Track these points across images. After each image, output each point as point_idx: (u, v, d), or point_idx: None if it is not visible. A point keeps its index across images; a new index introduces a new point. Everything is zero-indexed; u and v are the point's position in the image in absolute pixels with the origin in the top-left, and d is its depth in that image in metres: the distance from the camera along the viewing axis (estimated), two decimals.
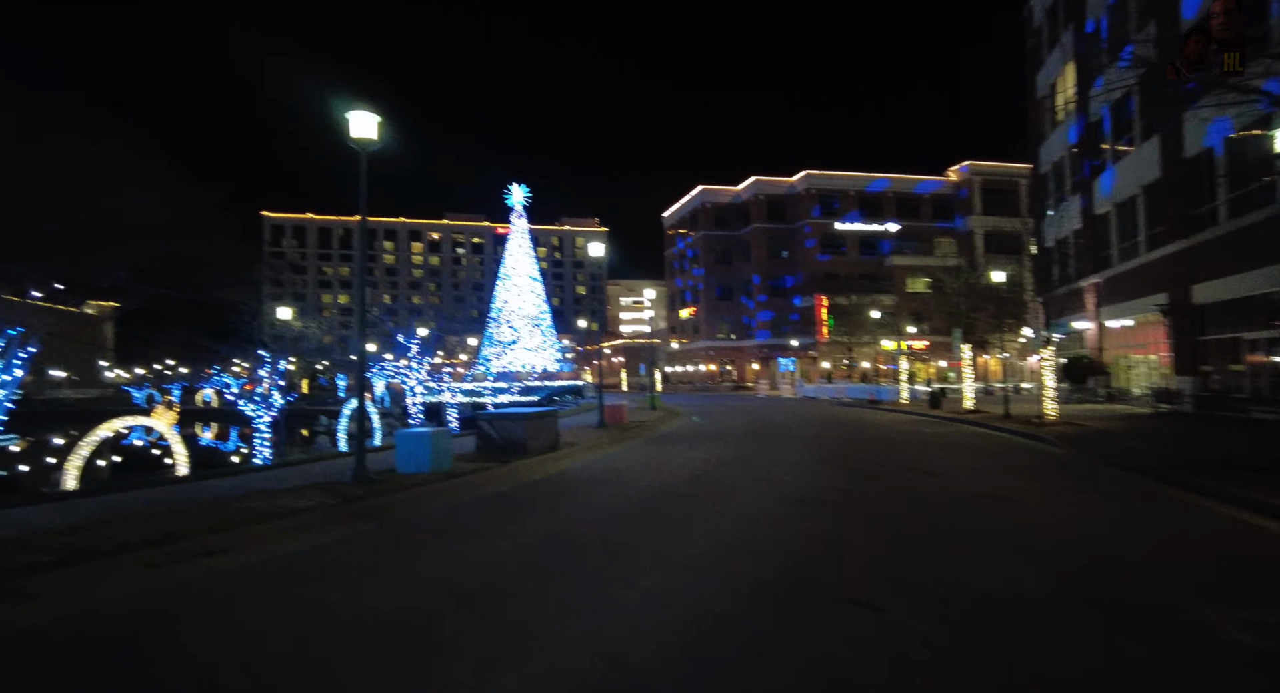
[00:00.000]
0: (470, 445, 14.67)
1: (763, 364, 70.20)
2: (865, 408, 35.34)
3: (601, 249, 19.94)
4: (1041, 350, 21.62)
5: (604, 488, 10.28)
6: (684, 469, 12.27)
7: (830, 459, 13.57)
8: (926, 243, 70.07)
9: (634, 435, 19.03)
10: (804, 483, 10.61)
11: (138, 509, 8.01)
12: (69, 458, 15.12)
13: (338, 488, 9.42)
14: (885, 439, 17.75)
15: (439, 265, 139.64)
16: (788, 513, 8.34)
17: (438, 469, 10.95)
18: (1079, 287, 32.82)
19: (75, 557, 5.97)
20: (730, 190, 73.50)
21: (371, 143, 10.02)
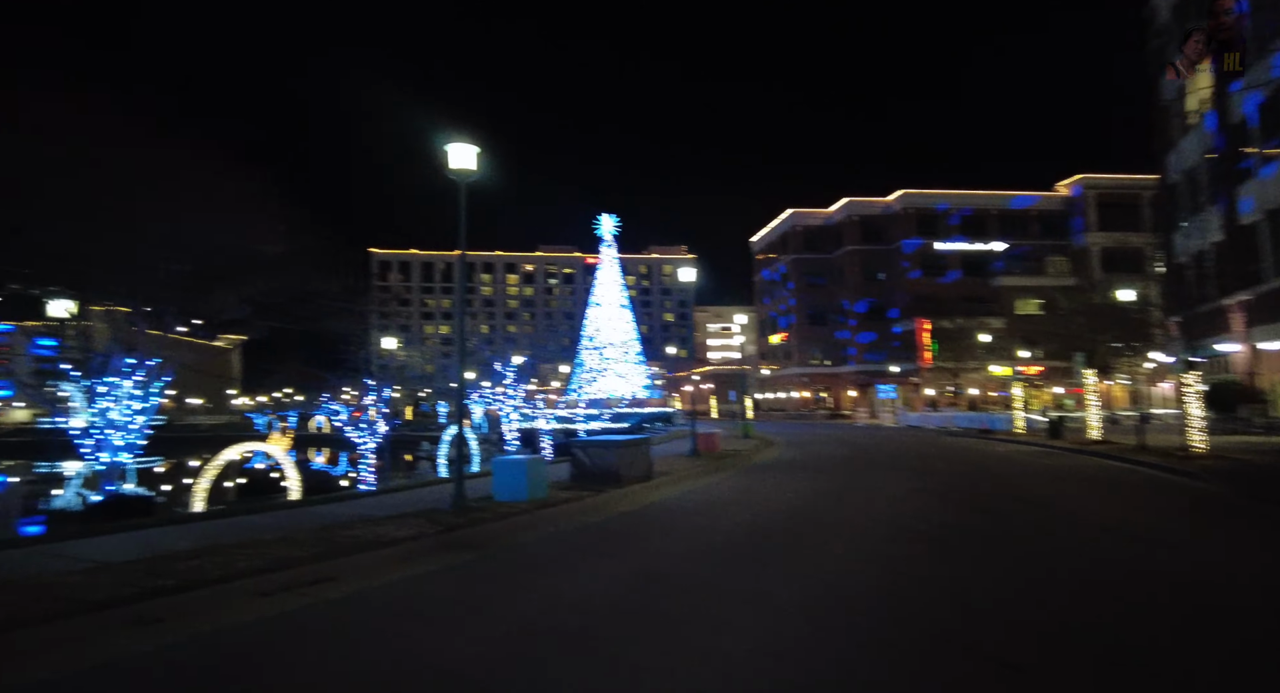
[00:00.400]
0: (564, 473, 14.61)
1: (860, 391, 67.55)
2: (977, 439, 33.10)
3: (693, 273, 19.71)
4: (1181, 375, 19.45)
5: (701, 522, 9.87)
6: (784, 502, 11.67)
7: (943, 493, 12.57)
8: (1036, 262, 65.85)
9: (728, 466, 18.47)
10: (917, 520, 9.79)
11: (251, 535, 8.30)
12: (197, 481, 16.18)
13: (437, 516, 9.48)
14: (1003, 472, 16.37)
15: (532, 296, 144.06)
16: (902, 552, 7.65)
17: (534, 497, 10.88)
18: (1222, 305, 29.61)
19: (195, 582, 6.17)
20: (821, 212, 71.96)
21: (470, 173, 10.26)
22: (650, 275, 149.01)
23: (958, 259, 65.83)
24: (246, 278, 13.30)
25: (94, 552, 7.60)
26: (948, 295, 63.81)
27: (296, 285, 13.90)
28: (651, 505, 11.52)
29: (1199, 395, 19.63)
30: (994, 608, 5.62)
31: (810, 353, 72.51)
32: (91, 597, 5.68)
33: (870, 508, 10.93)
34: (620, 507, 11.30)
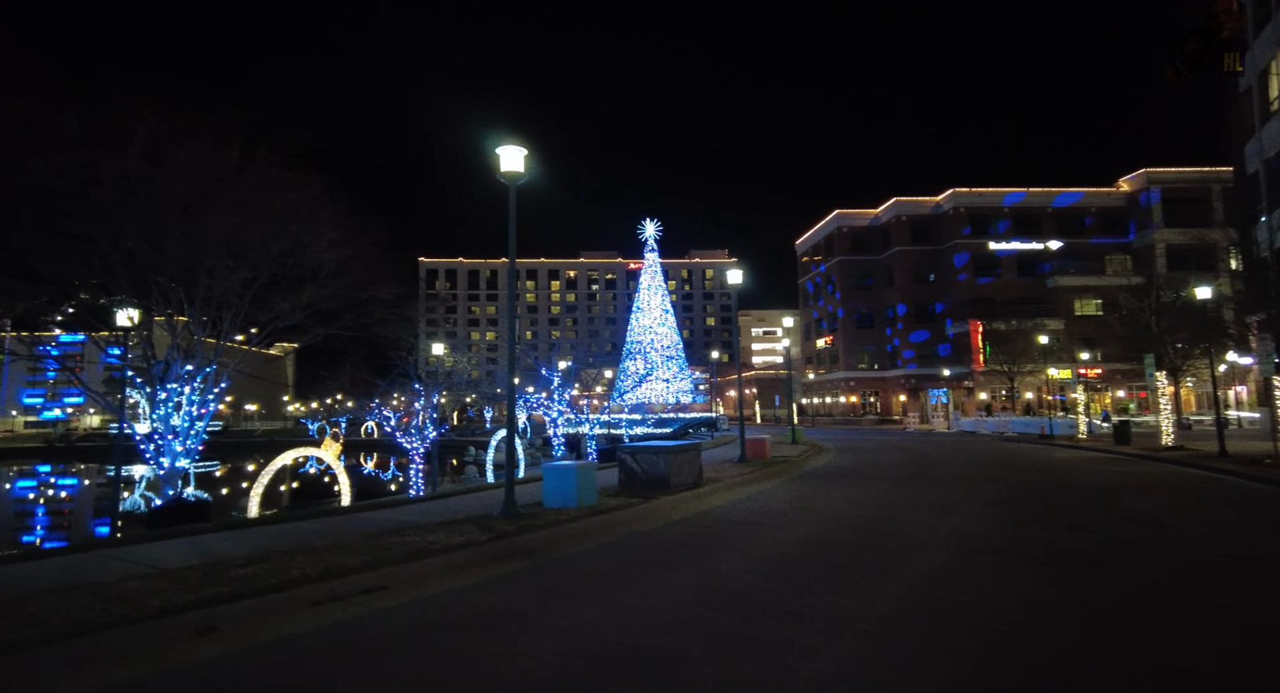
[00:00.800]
0: (611, 478, 14.36)
1: (910, 396, 65.77)
2: (1036, 444, 31.71)
3: (739, 275, 19.28)
4: (1273, 377, 18.17)
5: (759, 532, 9.47)
6: (844, 513, 11.17)
7: (1015, 504, 11.89)
8: (1095, 261, 63.17)
9: (779, 472, 17.96)
10: (992, 533, 9.21)
11: (304, 542, 8.25)
12: (253, 486, 16.45)
13: (488, 523, 9.31)
14: (1079, 482, 15.48)
15: (575, 302, 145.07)
16: (983, 570, 7.14)
17: (583, 504, 10.65)
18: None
19: (249, 590, 6.08)
20: (868, 213, 70.49)
21: (519, 176, 10.11)
22: (692, 280, 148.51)
23: (1012, 259, 63.63)
24: (303, 284, 13.47)
25: (154, 557, 7.64)
26: (1001, 296, 61.77)
27: (350, 292, 14.05)
28: (704, 514, 11.17)
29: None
30: (1100, 639, 5.12)
31: (857, 357, 70.96)
32: (150, 603, 5.64)
33: (945, 521, 10.36)
34: (672, 515, 10.98)
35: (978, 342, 59.94)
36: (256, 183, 13.13)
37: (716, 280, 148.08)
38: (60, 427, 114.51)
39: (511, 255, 9.96)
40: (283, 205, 12.91)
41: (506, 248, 10.02)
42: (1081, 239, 63.24)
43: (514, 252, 10.01)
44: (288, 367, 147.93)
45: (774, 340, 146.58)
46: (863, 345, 70.60)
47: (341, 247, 13.61)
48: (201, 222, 12.22)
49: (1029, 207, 64.13)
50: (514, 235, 10.05)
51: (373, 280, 14.26)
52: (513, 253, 10.00)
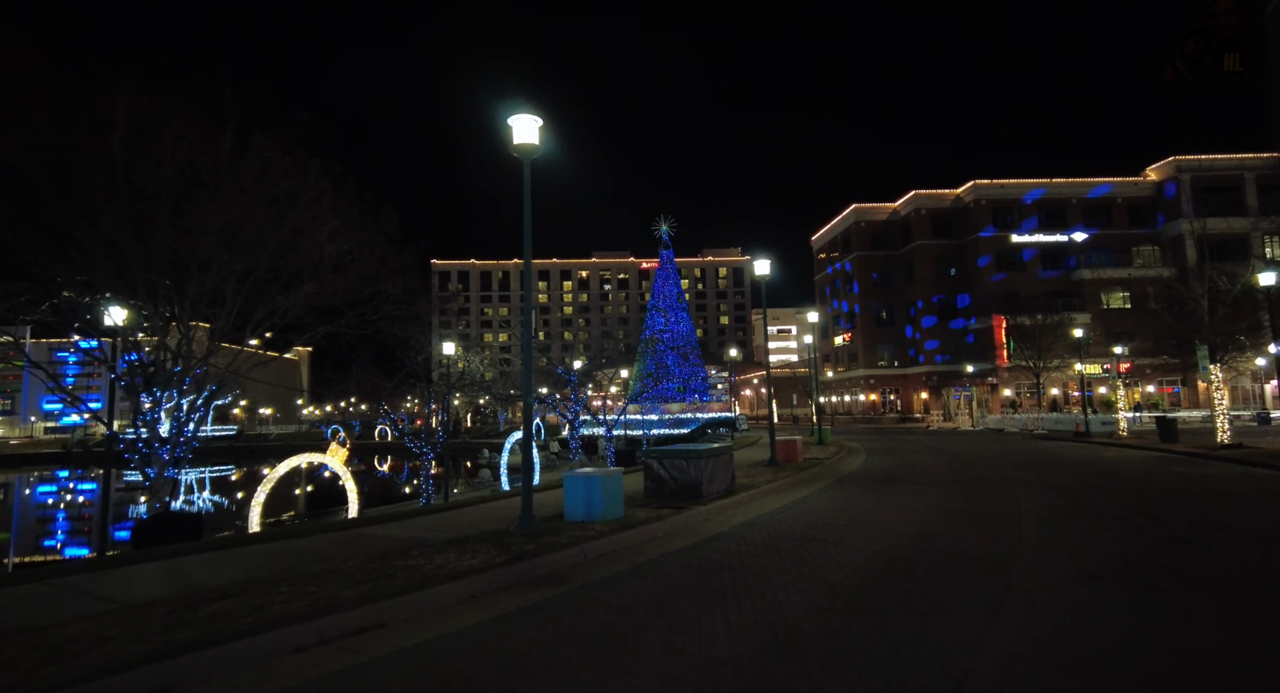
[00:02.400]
0: (634, 485, 13.23)
1: (931, 394, 64.16)
2: (1074, 442, 30.24)
3: (766, 266, 18.06)
4: None
5: (814, 550, 8.27)
6: (903, 525, 9.95)
7: (1093, 513, 10.60)
8: (1123, 253, 61.35)
9: (815, 477, 16.73)
10: (1086, 550, 7.96)
11: (295, 566, 7.17)
12: (254, 496, 15.46)
13: (504, 540, 8.19)
14: (1146, 485, 14.13)
15: (587, 302, 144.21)
16: (1102, 599, 5.91)
17: (608, 517, 9.51)
18: None
19: (217, 635, 4.98)
20: (886, 207, 68.95)
21: (534, 150, 9.00)
22: (705, 278, 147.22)
23: (1035, 252, 61.88)
24: (303, 278, 12.41)
25: (119, 587, 6.59)
26: (1025, 290, 60.14)
27: (355, 286, 13.00)
28: (745, 527, 9.98)
29: None
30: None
31: (877, 354, 69.45)
32: (89, 658, 4.55)
33: (1021, 534, 9.11)
34: (709, 529, 9.80)
35: (1001, 337, 58.30)
36: (252, 169, 12.11)
37: (730, 279, 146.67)
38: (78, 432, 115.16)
39: (527, 235, 8.85)
40: (280, 193, 11.87)
41: (521, 230, 8.91)
42: (1108, 230, 61.41)
43: (530, 232, 8.88)
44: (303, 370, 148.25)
45: (788, 338, 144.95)
46: (882, 343, 69.08)
47: (344, 237, 12.55)
48: (191, 210, 11.23)
49: (1053, 198, 62.40)
50: (529, 214, 8.93)
51: (378, 274, 13.18)
52: (528, 233, 8.88)
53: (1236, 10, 6.79)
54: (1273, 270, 21.62)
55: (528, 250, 8.86)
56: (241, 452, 74.39)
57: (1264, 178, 59.07)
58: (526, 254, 8.84)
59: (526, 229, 8.87)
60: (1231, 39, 6.93)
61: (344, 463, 18.27)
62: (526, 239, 8.83)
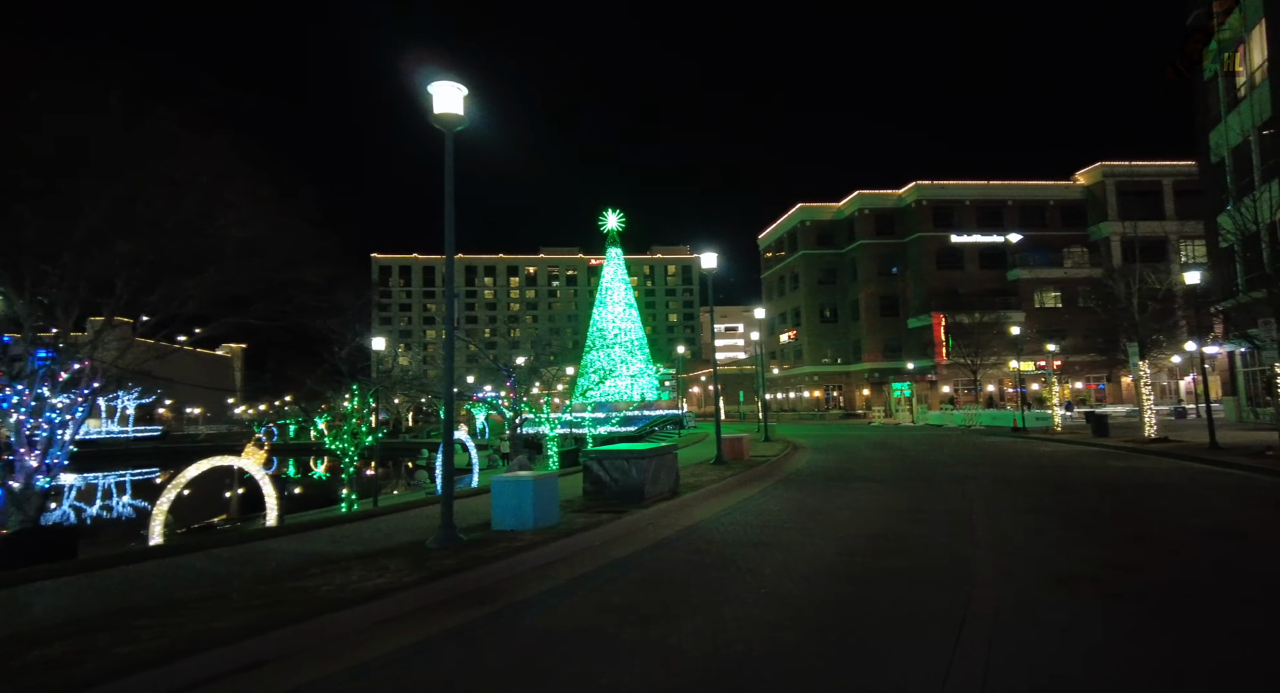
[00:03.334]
0: (576, 487, 12.46)
1: (873, 390, 65.31)
2: (1010, 437, 30.85)
3: (713, 260, 17.52)
4: (1278, 366, 17.20)
5: (763, 556, 7.67)
6: (856, 526, 9.46)
7: (1046, 510, 10.35)
8: (1056, 253, 63.60)
9: (762, 475, 16.28)
10: (1048, 551, 7.59)
11: (173, 591, 6.14)
12: (157, 504, 14.04)
13: (422, 554, 7.31)
14: (1090, 480, 14.12)
15: (535, 298, 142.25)
16: (1076, 609, 5.45)
17: (542, 524, 8.71)
18: None
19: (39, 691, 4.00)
20: (831, 206, 69.81)
21: (457, 120, 8.11)
22: (654, 276, 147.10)
23: (974, 252, 63.63)
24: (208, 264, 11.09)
25: None
26: (964, 289, 61.80)
27: (268, 274, 11.75)
28: (691, 532, 9.33)
29: None
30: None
31: (821, 351, 70.32)
32: None
33: (976, 535, 8.72)
34: (651, 535, 9.11)
35: (941, 335, 59.75)
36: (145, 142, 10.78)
37: (679, 276, 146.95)
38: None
39: (449, 213, 7.97)
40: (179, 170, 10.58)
41: (446, 202, 8.01)
42: (1042, 231, 63.60)
43: (452, 210, 8.00)
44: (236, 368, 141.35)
45: (735, 336, 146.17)
46: (827, 340, 69.99)
47: (256, 221, 11.31)
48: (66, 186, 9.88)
49: (991, 199, 64.25)
50: (452, 190, 8.04)
51: (294, 260, 11.96)
52: (450, 212, 7.99)
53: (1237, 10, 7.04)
54: (1196, 270, 22.28)
55: (450, 230, 7.97)
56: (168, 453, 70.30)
57: (1180, 184, 62.04)
58: (449, 234, 7.96)
59: (449, 206, 7.98)
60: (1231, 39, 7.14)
61: (262, 466, 16.89)
62: (449, 216, 7.94)
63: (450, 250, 7.95)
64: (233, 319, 12.06)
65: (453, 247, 8.00)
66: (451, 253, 7.96)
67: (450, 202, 7.99)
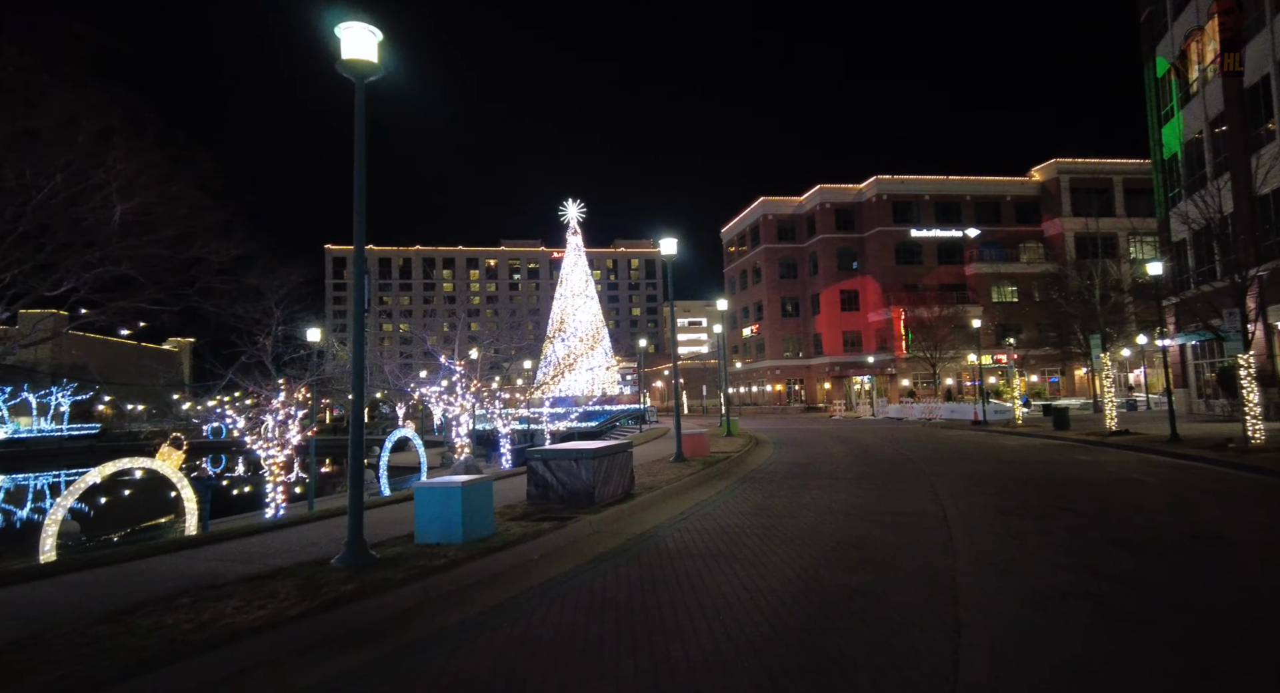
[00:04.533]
0: (520, 490, 11.42)
1: (834, 383, 65.41)
2: (971, 431, 30.71)
3: (673, 245, 16.62)
4: (1240, 356, 17.02)
5: (721, 572, 6.75)
6: (822, 531, 8.62)
7: (1020, 511, 9.68)
8: (1012, 248, 64.53)
9: (723, 473, 15.43)
10: (1023, 559, 6.85)
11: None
12: (51, 514, 12.51)
13: (319, 576, 6.19)
14: (1057, 476, 13.61)
15: (496, 292, 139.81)
16: (1070, 636, 4.64)
17: (473, 536, 7.65)
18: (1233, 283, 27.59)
19: None
20: (793, 201, 69.63)
21: (370, 68, 6.97)
22: (617, 270, 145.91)
23: (933, 247, 64.14)
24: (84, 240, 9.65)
25: None
26: (923, 283, 62.28)
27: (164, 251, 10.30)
28: (643, 541, 8.37)
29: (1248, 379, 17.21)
30: None
31: (783, 345, 70.20)
32: None
33: (952, 540, 7.95)
34: (598, 545, 8.12)
35: (900, 329, 60.08)
36: None
37: (642, 271, 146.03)
38: None
39: (360, 174, 6.83)
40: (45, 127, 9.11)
41: (355, 158, 6.87)
42: (998, 227, 64.41)
43: (363, 169, 6.86)
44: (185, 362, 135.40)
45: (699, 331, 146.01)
46: (788, 334, 69.88)
47: (146, 190, 9.86)
48: None
49: (949, 194, 64.78)
50: (362, 151, 6.91)
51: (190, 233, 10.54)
52: (361, 171, 6.86)
53: (1236, 10, 6.76)
54: (1157, 262, 22.21)
55: (360, 194, 6.83)
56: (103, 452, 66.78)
57: (1130, 182, 63.43)
58: (358, 200, 6.82)
59: (359, 167, 6.84)
60: (1231, 39, 6.82)
61: (178, 467, 15.41)
62: (359, 177, 6.80)
63: (360, 215, 6.81)
64: (121, 304, 10.62)
65: (362, 215, 6.86)
66: (361, 220, 6.83)
67: (360, 163, 6.85)
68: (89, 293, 10.03)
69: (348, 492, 6.85)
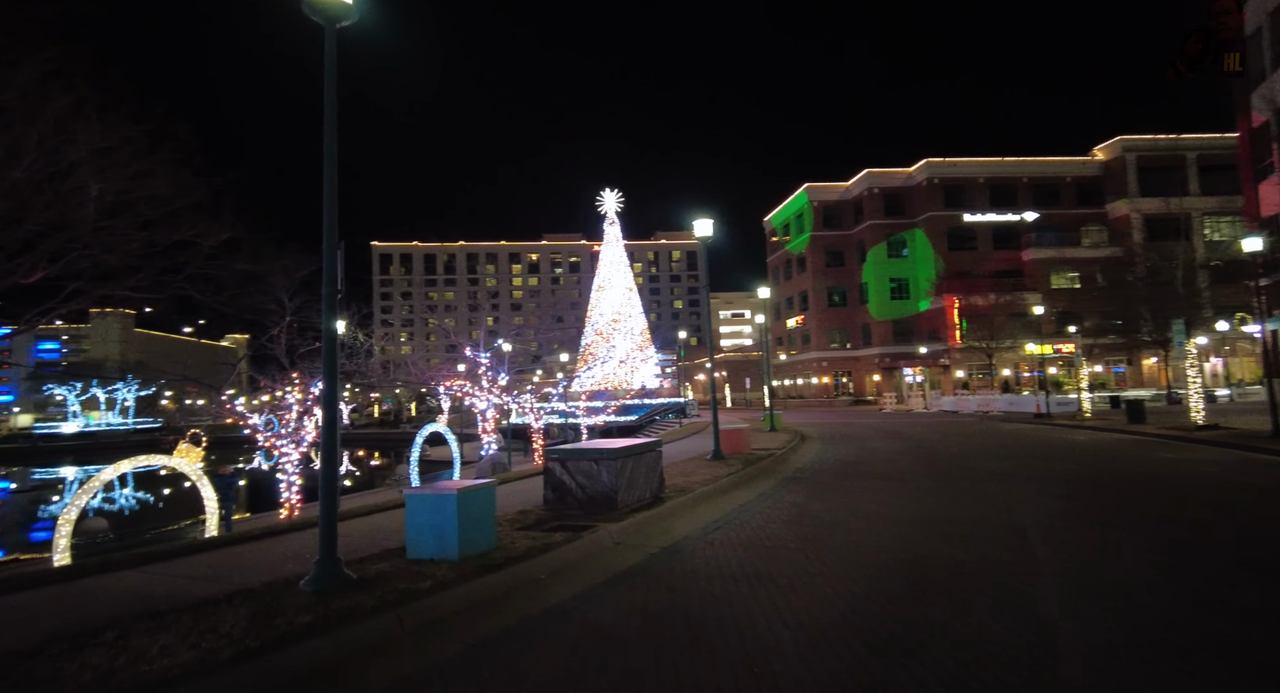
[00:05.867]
0: (537, 493, 10.42)
1: (884, 375, 63.01)
2: (1033, 425, 28.67)
3: (708, 226, 15.39)
4: None
5: (757, 599, 5.62)
6: (873, 547, 7.39)
7: (1104, 522, 8.25)
8: (1072, 232, 60.91)
9: (765, 473, 14.21)
10: (1129, 588, 5.51)
11: None
12: (64, 513, 12.10)
13: (279, 602, 5.28)
14: (1143, 479, 11.97)
15: (538, 286, 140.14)
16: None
17: (470, 551, 6.67)
18: None
19: None
20: (839, 186, 67.21)
21: (342, 11, 6.01)
22: (658, 262, 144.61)
23: (987, 232, 61.04)
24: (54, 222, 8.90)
25: None
26: (977, 270, 59.29)
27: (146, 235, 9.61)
28: (667, 557, 7.28)
29: None
30: None
31: (829, 336, 67.96)
32: None
33: (1036, 561, 6.65)
34: (615, 562, 7.06)
35: (953, 317, 57.43)
36: None
37: (683, 263, 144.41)
38: None
39: (330, 120, 5.89)
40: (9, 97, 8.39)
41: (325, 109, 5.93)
42: (1057, 210, 60.90)
43: (333, 116, 5.92)
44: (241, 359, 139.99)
45: (742, 323, 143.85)
46: (835, 324, 67.61)
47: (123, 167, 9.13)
48: None
49: (1004, 176, 61.54)
50: (333, 98, 5.96)
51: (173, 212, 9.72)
52: (331, 117, 5.91)
53: (1236, 10, 5.79)
54: (1256, 237, 19.93)
55: (330, 142, 5.89)
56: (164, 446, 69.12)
57: (1204, 159, 59.21)
58: (328, 148, 5.87)
59: (329, 115, 5.89)
60: (1231, 39, 5.89)
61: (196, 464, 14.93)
62: (329, 124, 5.86)
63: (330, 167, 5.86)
64: (101, 292, 10.00)
65: (333, 162, 5.91)
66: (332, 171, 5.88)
67: (330, 110, 5.90)
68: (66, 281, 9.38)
69: (320, 505, 5.92)
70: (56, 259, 9.02)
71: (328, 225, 5.86)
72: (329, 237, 5.84)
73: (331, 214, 5.89)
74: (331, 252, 5.85)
